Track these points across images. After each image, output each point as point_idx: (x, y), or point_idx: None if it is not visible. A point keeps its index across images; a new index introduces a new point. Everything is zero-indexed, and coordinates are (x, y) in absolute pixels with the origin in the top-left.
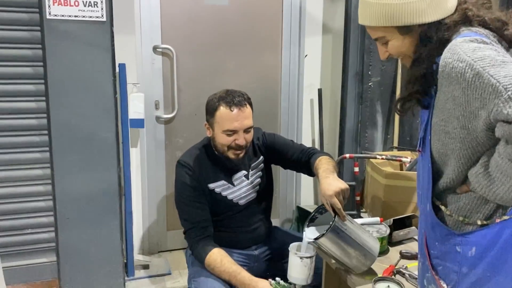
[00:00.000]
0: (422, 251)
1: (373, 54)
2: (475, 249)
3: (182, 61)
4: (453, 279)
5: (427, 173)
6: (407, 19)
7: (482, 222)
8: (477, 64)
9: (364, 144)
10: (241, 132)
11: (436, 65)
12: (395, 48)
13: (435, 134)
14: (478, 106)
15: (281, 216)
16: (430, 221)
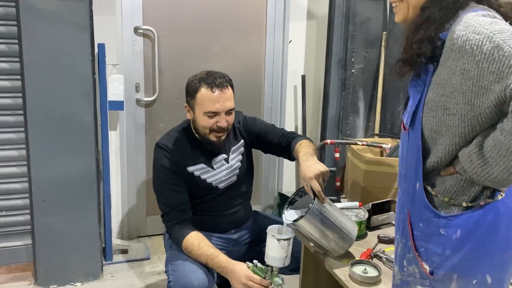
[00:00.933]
0: (405, 232)
1: (357, 41)
2: (460, 232)
3: (164, 43)
4: (435, 261)
5: (416, 151)
6: None
7: (467, 204)
8: (496, 36)
9: (346, 130)
10: (223, 114)
11: (441, 41)
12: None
13: (431, 110)
14: (493, 80)
15: (263, 202)
16: (418, 201)
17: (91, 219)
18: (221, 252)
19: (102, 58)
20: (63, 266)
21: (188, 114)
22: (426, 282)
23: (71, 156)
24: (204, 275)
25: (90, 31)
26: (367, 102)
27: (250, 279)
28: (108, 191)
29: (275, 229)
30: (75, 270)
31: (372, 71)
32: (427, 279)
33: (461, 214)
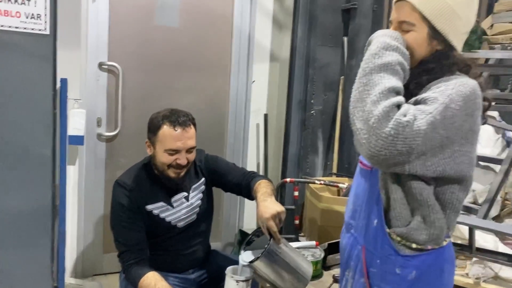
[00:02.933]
0: (358, 268)
1: (316, 84)
2: (415, 273)
3: (129, 79)
4: None
5: (376, 188)
6: (446, 27)
7: (416, 246)
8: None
9: (306, 169)
10: (183, 152)
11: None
12: (413, 41)
13: None
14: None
15: (223, 239)
16: (377, 238)
17: (44, 256)
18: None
19: (64, 93)
20: None
21: (148, 149)
22: None
23: (26, 190)
24: None
25: (53, 66)
26: (325, 142)
27: None
28: (64, 227)
29: (233, 270)
30: None
31: (330, 113)
32: None
33: (418, 255)
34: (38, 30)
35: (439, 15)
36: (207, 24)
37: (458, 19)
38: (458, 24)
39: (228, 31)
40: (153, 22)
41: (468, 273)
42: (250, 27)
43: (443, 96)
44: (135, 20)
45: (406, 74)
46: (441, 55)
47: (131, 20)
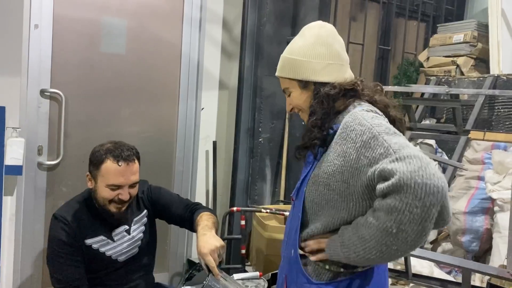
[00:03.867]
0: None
1: (263, 112)
2: None
3: (72, 106)
4: None
5: (297, 220)
6: (303, 74)
7: (329, 268)
8: (375, 128)
9: (254, 196)
10: (126, 187)
11: (333, 130)
12: (295, 100)
13: (314, 184)
14: (366, 164)
15: (170, 269)
16: (295, 267)
17: None
18: None
19: (1, 121)
20: None
21: (89, 183)
22: None
23: None
24: None
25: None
26: (273, 169)
27: None
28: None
29: None
30: None
31: (278, 141)
32: None
33: (330, 283)
34: None
35: (291, 71)
36: (155, 51)
37: (306, 63)
38: (311, 66)
39: (176, 59)
40: (99, 49)
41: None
42: (199, 55)
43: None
44: (80, 47)
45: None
46: (315, 93)
47: (75, 47)
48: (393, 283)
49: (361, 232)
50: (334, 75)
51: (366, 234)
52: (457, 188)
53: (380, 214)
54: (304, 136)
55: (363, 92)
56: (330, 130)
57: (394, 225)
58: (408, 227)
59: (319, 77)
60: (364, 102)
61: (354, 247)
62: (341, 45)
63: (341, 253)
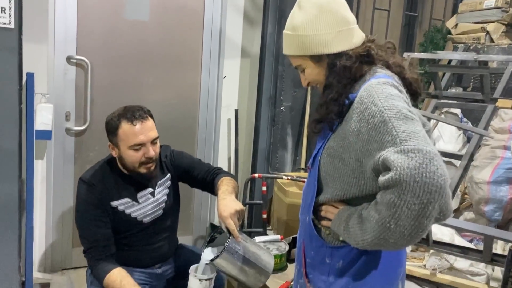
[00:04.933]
0: (299, 259)
1: (285, 80)
2: (342, 262)
3: (98, 73)
4: (321, 287)
5: (313, 188)
6: (315, 49)
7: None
8: (385, 112)
9: (275, 164)
10: (148, 144)
11: (349, 101)
12: (310, 76)
13: (329, 156)
14: (376, 148)
15: (194, 233)
16: (309, 232)
17: (10, 251)
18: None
19: (31, 87)
20: None
21: (113, 152)
22: None
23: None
24: None
25: (18, 60)
26: (294, 138)
27: None
28: (31, 222)
29: (197, 268)
30: None
31: (299, 109)
32: None
33: (343, 246)
34: (3, 24)
35: (300, 48)
36: (178, 18)
37: (315, 37)
38: (320, 39)
39: (199, 26)
40: (122, 16)
41: (425, 264)
42: (221, 22)
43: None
44: (104, 14)
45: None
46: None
47: (100, 14)
48: (413, 249)
49: (364, 224)
50: (347, 42)
51: (368, 227)
52: (482, 157)
53: (381, 208)
54: (320, 109)
55: (378, 56)
56: (346, 101)
57: (392, 221)
58: (405, 222)
59: (331, 48)
60: (380, 68)
61: (355, 235)
62: (344, 7)
63: (342, 234)
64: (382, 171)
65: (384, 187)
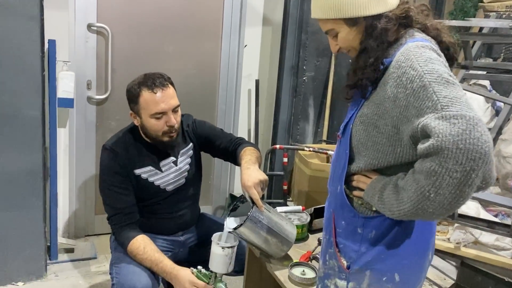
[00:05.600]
0: (329, 229)
1: (308, 49)
2: (374, 232)
3: (118, 41)
4: (352, 257)
5: (344, 158)
6: (352, 11)
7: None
8: (425, 77)
9: (296, 135)
10: (170, 112)
11: (384, 66)
12: (344, 41)
13: (362, 124)
14: (414, 114)
15: (214, 203)
16: (340, 202)
17: (36, 217)
18: (166, 257)
19: (53, 55)
20: (5, 265)
21: (135, 120)
22: (343, 275)
23: (17, 152)
24: (148, 278)
25: (40, 26)
26: (316, 109)
27: (193, 284)
28: (55, 189)
29: (219, 237)
30: (17, 269)
31: (322, 80)
32: (343, 273)
33: (376, 216)
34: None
35: (334, 10)
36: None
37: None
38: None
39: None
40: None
41: (450, 238)
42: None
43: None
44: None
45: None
46: (368, 28)
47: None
48: (437, 223)
49: (400, 194)
50: (384, 3)
51: (405, 196)
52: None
53: (420, 177)
54: (354, 75)
55: (416, 19)
56: (381, 66)
57: (432, 189)
58: (446, 191)
59: (370, 10)
60: (416, 31)
61: (390, 205)
62: None
63: (376, 204)
64: (421, 139)
65: (424, 155)
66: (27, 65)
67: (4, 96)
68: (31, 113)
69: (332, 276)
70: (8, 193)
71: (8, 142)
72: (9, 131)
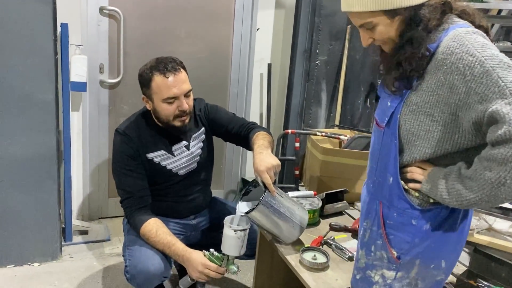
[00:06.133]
0: (376, 221)
1: (322, 33)
2: (430, 224)
3: (130, 24)
4: (403, 248)
5: (394, 148)
6: (394, 2)
7: (434, 200)
8: (487, 62)
9: (308, 120)
10: (182, 97)
11: (430, 52)
12: (382, 33)
13: (411, 113)
14: (477, 100)
15: (225, 187)
16: (392, 193)
17: (50, 200)
18: (178, 240)
19: (65, 38)
20: (21, 246)
21: (147, 105)
22: (393, 266)
23: (31, 136)
24: (161, 260)
25: (52, 10)
26: (329, 94)
27: (206, 267)
28: (69, 172)
29: (231, 220)
30: (33, 250)
31: (335, 64)
32: (394, 263)
33: (432, 208)
34: None
35: (374, 1)
36: None
37: None
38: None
39: None
40: None
41: None
42: None
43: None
44: None
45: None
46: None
47: None
48: None
49: (468, 183)
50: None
51: (475, 185)
52: None
53: (492, 165)
54: (398, 66)
55: (455, 4)
56: (427, 53)
57: (508, 175)
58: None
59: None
60: (455, 17)
61: (457, 195)
62: None
63: (438, 195)
64: (486, 125)
65: (495, 142)
66: (40, 49)
67: (17, 80)
68: (45, 96)
69: (378, 267)
70: (24, 176)
71: (23, 125)
72: (24, 114)
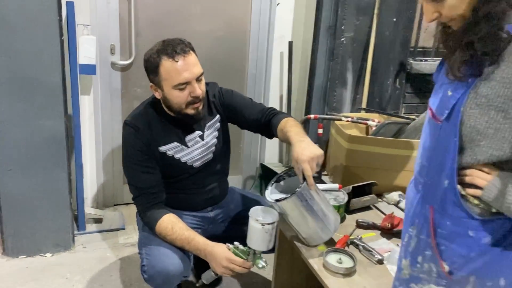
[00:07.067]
0: (425, 228)
1: (348, 7)
2: (490, 237)
3: (141, 2)
4: (456, 262)
5: (453, 147)
6: None
7: (497, 210)
8: None
9: (332, 103)
10: (194, 82)
11: (508, 35)
12: (453, 8)
13: (479, 107)
14: None
15: (244, 173)
16: (447, 199)
17: (61, 188)
18: (196, 233)
19: (71, 18)
20: (32, 236)
21: (156, 93)
22: (443, 281)
23: (38, 121)
24: (180, 260)
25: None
26: (355, 74)
27: (231, 261)
28: (80, 159)
29: (258, 212)
30: (45, 241)
31: (362, 41)
32: (444, 279)
33: (494, 219)
34: None
35: None
36: None
37: None
38: None
39: None
40: None
41: None
42: None
43: None
44: None
45: None
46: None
47: None
48: None
49: None
50: None
51: None
52: None
53: None
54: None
55: None
56: (504, 35)
57: None
58: None
59: None
60: None
61: None
62: None
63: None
64: None
65: None
66: (44, 29)
67: (21, 64)
68: (51, 79)
69: (425, 281)
70: (33, 163)
71: (29, 110)
72: (29, 100)
